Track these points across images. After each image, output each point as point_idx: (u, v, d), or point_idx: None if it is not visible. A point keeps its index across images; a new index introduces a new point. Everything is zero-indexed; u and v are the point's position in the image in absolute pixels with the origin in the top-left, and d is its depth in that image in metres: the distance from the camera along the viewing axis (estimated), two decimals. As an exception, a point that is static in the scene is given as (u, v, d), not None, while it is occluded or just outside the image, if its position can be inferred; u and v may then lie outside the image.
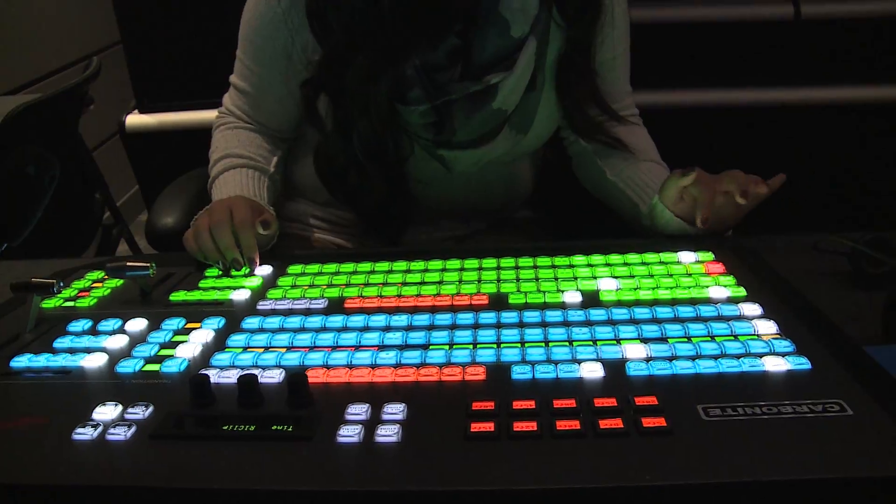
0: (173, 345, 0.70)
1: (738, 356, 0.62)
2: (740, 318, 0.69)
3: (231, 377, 0.62)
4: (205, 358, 0.68)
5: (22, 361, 0.68)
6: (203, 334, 0.71)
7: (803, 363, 0.60)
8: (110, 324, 0.75)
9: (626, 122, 1.07)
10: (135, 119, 1.88)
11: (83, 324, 0.75)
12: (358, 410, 0.57)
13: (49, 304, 0.81)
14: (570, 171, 1.15)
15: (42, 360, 0.68)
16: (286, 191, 1.13)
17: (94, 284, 0.86)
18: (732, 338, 0.65)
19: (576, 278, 0.80)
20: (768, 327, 0.67)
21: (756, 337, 0.65)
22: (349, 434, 0.54)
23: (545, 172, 1.21)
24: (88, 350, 0.70)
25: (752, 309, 0.71)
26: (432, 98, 0.93)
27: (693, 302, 0.73)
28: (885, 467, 0.48)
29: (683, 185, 0.88)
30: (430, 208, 1.10)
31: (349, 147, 0.98)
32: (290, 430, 0.55)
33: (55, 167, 0.62)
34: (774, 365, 0.60)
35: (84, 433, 0.56)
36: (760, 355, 0.62)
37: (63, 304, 0.81)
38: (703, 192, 0.88)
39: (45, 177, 0.62)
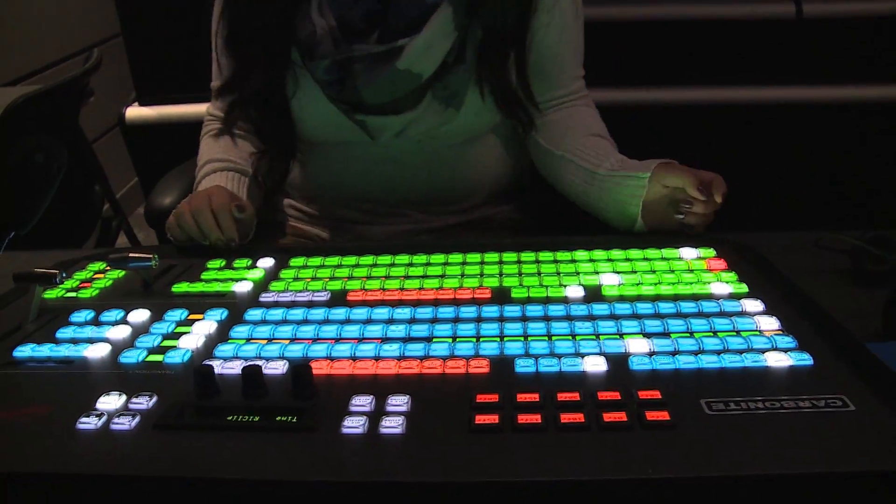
0: (176, 336, 0.70)
1: (740, 351, 0.62)
2: (742, 314, 0.70)
3: (234, 368, 0.63)
4: (208, 349, 0.68)
5: (25, 351, 0.68)
6: (206, 325, 0.71)
7: (805, 359, 0.61)
8: (113, 314, 0.75)
9: (566, 103, 1.06)
10: (134, 112, 1.87)
11: (85, 314, 0.75)
12: (362, 402, 0.57)
13: (51, 294, 0.81)
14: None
15: (45, 350, 0.68)
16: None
17: (96, 275, 0.86)
18: (734, 333, 0.66)
19: (578, 273, 0.80)
20: (770, 323, 0.67)
21: (758, 333, 0.66)
22: (353, 425, 0.54)
23: (532, 173, 1.20)
24: (91, 340, 0.70)
25: (753, 305, 0.71)
26: (335, 54, 0.96)
27: (695, 298, 0.73)
28: (887, 462, 0.48)
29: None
30: (390, 196, 1.10)
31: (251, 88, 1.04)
32: (294, 420, 0.55)
33: (63, 156, 0.62)
34: (776, 360, 0.61)
35: (88, 423, 0.56)
36: (763, 351, 0.62)
37: (65, 295, 0.81)
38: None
39: (53, 165, 0.62)
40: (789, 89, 1.75)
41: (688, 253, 0.84)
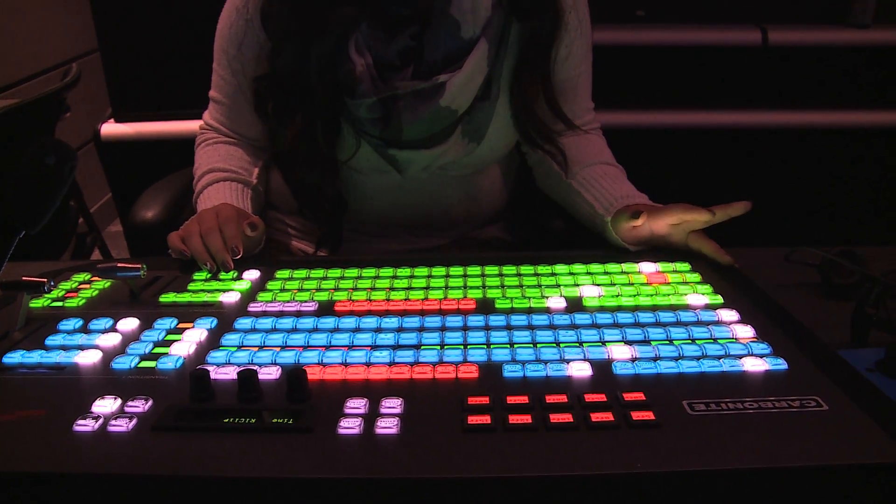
0: (167, 343, 0.71)
1: (718, 357, 0.65)
2: (718, 322, 0.72)
3: (228, 374, 0.64)
4: (200, 356, 0.68)
5: (14, 358, 0.68)
6: (197, 333, 0.72)
7: (780, 364, 0.63)
8: (101, 323, 0.75)
9: (579, 131, 1.08)
10: (110, 128, 1.88)
11: (74, 322, 0.75)
12: (356, 404, 0.58)
13: (37, 304, 0.81)
14: (543, 195, 1.17)
15: (35, 357, 0.68)
16: None
17: (82, 286, 0.86)
18: (712, 341, 0.68)
19: (559, 285, 0.82)
20: (745, 331, 0.70)
21: (734, 340, 0.69)
22: (349, 426, 0.55)
23: (517, 194, 1.23)
24: (81, 347, 0.70)
25: (729, 315, 0.74)
26: (378, 92, 0.96)
27: (673, 308, 0.76)
28: (860, 456, 0.51)
29: (633, 226, 0.91)
30: (388, 219, 1.12)
31: (293, 139, 1.01)
32: (290, 422, 0.56)
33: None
34: (753, 365, 0.63)
35: (85, 425, 0.56)
36: (739, 356, 0.65)
37: (51, 305, 0.81)
38: (656, 225, 0.91)
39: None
40: (755, 113, 1.81)
41: (646, 267, 0.87)
